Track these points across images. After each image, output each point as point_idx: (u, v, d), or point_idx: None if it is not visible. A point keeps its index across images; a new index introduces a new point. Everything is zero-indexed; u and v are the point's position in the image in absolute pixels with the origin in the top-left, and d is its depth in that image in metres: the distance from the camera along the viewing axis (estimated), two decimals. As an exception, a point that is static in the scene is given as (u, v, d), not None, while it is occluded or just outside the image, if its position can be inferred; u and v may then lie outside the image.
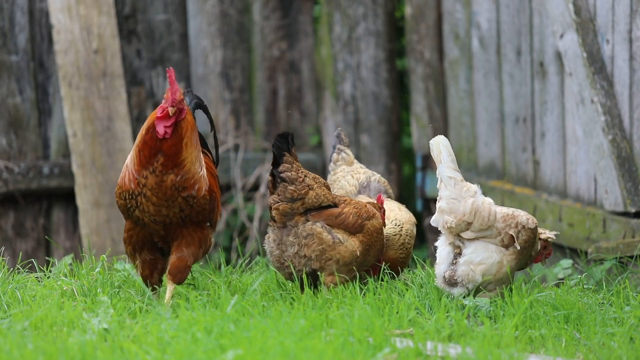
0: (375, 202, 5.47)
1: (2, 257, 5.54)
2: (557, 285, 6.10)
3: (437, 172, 5.27)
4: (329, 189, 5.27)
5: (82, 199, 7.54)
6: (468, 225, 5.20)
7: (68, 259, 6.16)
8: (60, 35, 7.51)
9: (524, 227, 5.23)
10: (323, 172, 8.18)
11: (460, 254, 5.23)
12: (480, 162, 7.61)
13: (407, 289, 5.23)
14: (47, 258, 7.40)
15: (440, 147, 5.26)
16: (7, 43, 7.47)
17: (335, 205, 5.22)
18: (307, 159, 8.17)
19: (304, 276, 5.16)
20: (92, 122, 7.58)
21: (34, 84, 7.56)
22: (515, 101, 7.25)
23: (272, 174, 5.19)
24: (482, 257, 5.21)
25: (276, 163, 5.17)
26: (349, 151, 6.03)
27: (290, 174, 5.15)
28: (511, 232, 5.21)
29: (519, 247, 5.21)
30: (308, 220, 5.18)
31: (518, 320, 4.75)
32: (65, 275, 5.40)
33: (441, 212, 5.25)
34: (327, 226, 5.18)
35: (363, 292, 5.18)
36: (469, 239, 5.23)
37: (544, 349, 4.60)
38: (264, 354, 4.11)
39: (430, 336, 4.57)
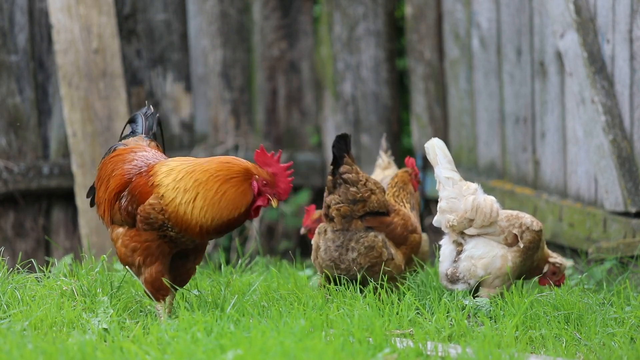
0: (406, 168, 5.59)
1: (2, 257, 5.53)
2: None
3: (434, 174, 5.30)
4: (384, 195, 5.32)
5: (82, 199, 7.54)
6: (470, 222, 5.23)
7: (68, 259, 6.15)
8: (60, 35, 7.51)
9: (527, 228, 5.27)
10: (322, 172, 8.18)
11: (462, 251, 5.26)
12: (481, 162, 7.60)
13: (407, 289, 5.23)
14: (46, 258, 7.39)
15: (435, 150, 5.29)
16: (6, 43, 7.46)
17: (388, 213, 5.27)
18: (306, 159, 8.17)
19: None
20: (91, 122, 7.57)
21: (34, 83, 7.56)
22: (516, 101, 7.24)
23: (332, 174, 5.22)
24: (483, 251, 5.24)
25: (337, 164, 5.19)
26: (385, 156, 6.13)
27: (351, 175, 5.19)
28: (515, 231, 5.24)
29: (522, 246, 5.23)
30: (364, 224, 5.23)
31: (518, 320, 4.74)
32: (65, 276, 5.39)
33: (442, 212, 5.29)
34: (385, 239, 5.25)
35: (364, 293, 5.18)
36: (470, 236, 5.26)
37: (544, 349, 4.59)
38: (264, 354, 4.11)
39: (430, 336, 4.56)
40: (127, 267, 4.85)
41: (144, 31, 7.86)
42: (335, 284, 5.26)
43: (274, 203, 4.68)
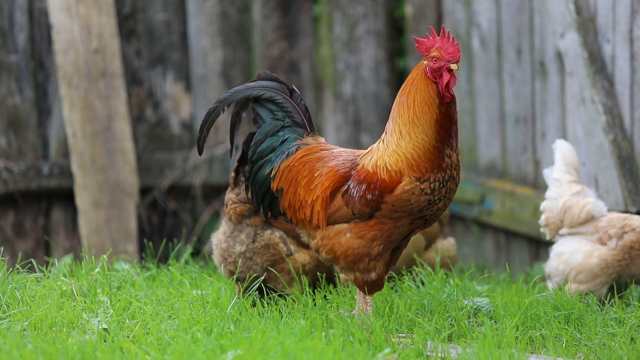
0: None
1: (2, 257, 5.52)
2: (558, 285, 6.08)
3: (545, 172, 5.51)
4: None
5: (82, 199, 7.53)
6: (561, 222, 5.36)
7: (67, 259, 6.15)
8: (60, 35, 7.51)
9: (633, 229, 5.24)
10: (323, 172, 8.17)
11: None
12: (481, 162, 7.60)
13: (408, 289, 5.22)
14: (46, 258, 7.39)
15: (556, 151, 5.50)
16: (6, 43, 7.46)
17: None
18: (307, 158, 8.16)
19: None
20: (91, 122, 7.57)
21: (34, 83, 7.56)
22: (516, 101, 7.24)
23: (235, 171, 5.01)
24: (565, 248, 5.36)
25: (243, 161, 4.93)
26: None
27: None
28: (611, 231, 5.26)
29: (613, 245, 5.25)
30: (266, 223, 4.99)
31: (518, 320, 4.74)
32: (65, 276, 5.39)
33: (543, 210, 5.47)
34: (285, 236, 4.98)
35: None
36: (561, 235, 5.37)
37: (544, 350, 4.59)
38: (264, 354, 4.11)
39: (430, 336, 4.56)
40: (348, 263, 4.59)
41: (144, 31, 7.85)
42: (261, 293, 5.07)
43: (453, 67, 4.52)
